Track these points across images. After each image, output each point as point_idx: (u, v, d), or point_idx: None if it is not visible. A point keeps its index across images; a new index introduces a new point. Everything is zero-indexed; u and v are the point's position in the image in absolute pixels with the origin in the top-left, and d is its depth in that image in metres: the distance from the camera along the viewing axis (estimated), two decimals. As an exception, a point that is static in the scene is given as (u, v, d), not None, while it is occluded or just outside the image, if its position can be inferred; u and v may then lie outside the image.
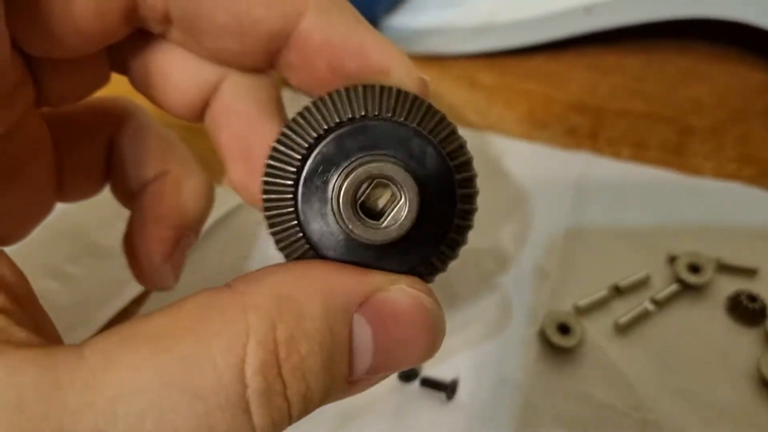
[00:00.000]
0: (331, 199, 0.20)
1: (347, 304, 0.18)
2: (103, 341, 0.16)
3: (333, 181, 0.20)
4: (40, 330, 0.18)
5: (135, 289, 0.39)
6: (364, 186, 0.19)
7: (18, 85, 0.24)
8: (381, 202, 0.20)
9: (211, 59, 0.25)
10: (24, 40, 0.23)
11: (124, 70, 0.27)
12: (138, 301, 0.39)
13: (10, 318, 0.17)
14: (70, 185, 0.30)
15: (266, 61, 0.24)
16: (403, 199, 0.19)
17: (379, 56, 0.22)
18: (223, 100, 0.25)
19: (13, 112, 0.24)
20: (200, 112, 0.26)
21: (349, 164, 0.20)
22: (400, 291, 0.19)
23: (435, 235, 0.20)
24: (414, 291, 0.19)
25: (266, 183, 0.21)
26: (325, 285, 0.18)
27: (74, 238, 0.41)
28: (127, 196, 0.31)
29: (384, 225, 0.19)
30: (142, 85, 0.26)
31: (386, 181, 0.19)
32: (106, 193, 0.32)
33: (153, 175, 0.30)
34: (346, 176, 0.19)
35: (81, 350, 0.16)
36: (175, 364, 0.16)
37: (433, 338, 0.19)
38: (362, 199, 0.19)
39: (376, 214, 0.20)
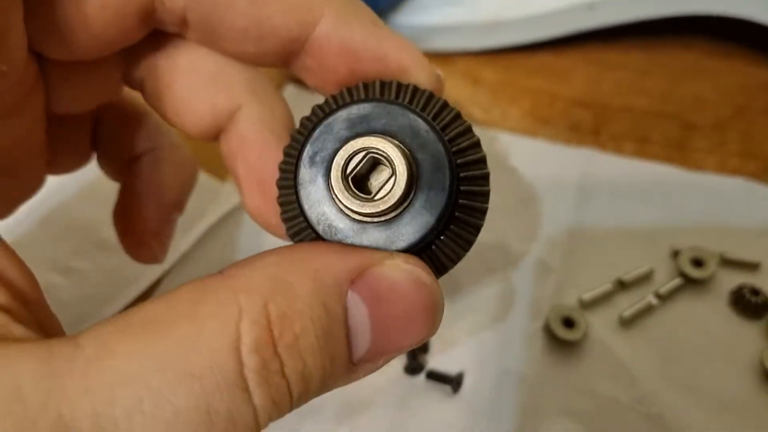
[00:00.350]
0: (326, 176, 0.20)
1: (338, 280, 0.18)
2: (98, 331, 0.16)
3: (328, 160, 0.20)
4: (46, 329, 0.18)
5: (141, 284, 0.39)
6: (357, 159, 0.19)
7: (31, 91, 0.24)
8: (375, 179, 0.20)
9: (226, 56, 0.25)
10: (39, 41, 0.23)
11: (139, 87, 0.27)
12: (144, 297, 0.39)
13: (10, 315, 0.17)
14: (58, 160, 0.30)
15: (282, 62, 0.24)
16: (394, 174, 0.19)
17: (397, 57, 0.22)
18: (239, 130, 0.25)
19: (24, 120, 0.25)
20: (214, 137, 0.26)
21: (343, 142, 0.20)
22: (394, 266, 0.19)
23: (433, 223, 0.20)
24: (409, 266, 0.19)
25: (279, 176, 0.21)
26: (315, 263, 0.18)
27: (81, 234, 0.41)
28: (115, 170, 0.31)
29: (374, 197, 0.19)
30: (157, 105, 0.26)
31: (378, 155, 0.19)
32: (113, 189, 0.32)
33: (139, 152, 0.30)
34: (339, 151, 0.19)
35: (77, 340, 0.16)
36: (170, 347, 0.16)
37: (432, 315, 0.19)
38: (355, 173, 0.19)
39: (370, 191, 0.20)
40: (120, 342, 0.16)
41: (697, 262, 0.38)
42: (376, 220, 0.19)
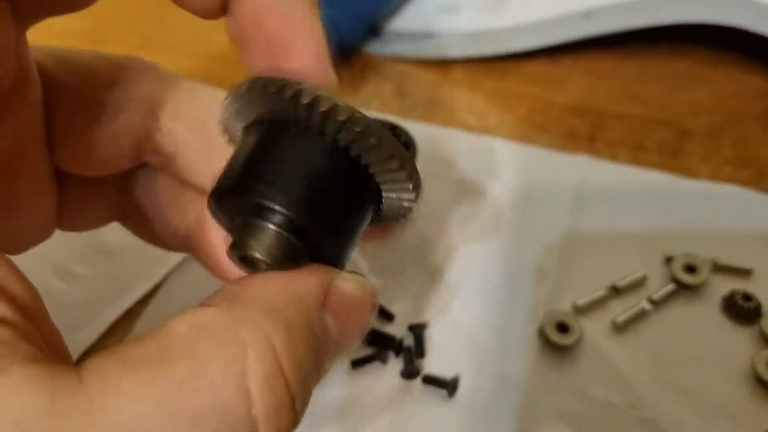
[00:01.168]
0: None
1: (316, 304, 0.19)
2: (100, 365, 0.16)
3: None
4: (50, 345, 0.18)
5: (140, 289, 0.40)
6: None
7: (20, 89, 0.23)
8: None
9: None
10: (62, 160, 0.25)
11: None
12: (143, 302, 0.39)
13: (16, 331, 0.16)
14: (72, 218, 0.29)
15: (221, 9, 0.23)
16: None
17: (293, 40, 0.21)
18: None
19: (11, 122, 0.24)
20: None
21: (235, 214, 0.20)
22: (349, 279, 0.20)
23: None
24: (357, 276, 0.20)
25: None
26: (296, 288, 0.19)
27: (82, 238, 0.41)
28: (169, 244, 0.30)
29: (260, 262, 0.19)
30: None
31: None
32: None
33: (192, 221, 0.29)
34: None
35: (79, 374, 0.16)
36: (172, 389, 0.15)
37: (370, 316, 0.21)
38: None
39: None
40: (122, 381, 0.15)
41: (690, 269, 0.39)
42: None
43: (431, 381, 0.35)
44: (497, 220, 0.43)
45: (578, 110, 0.51)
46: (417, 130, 0.44)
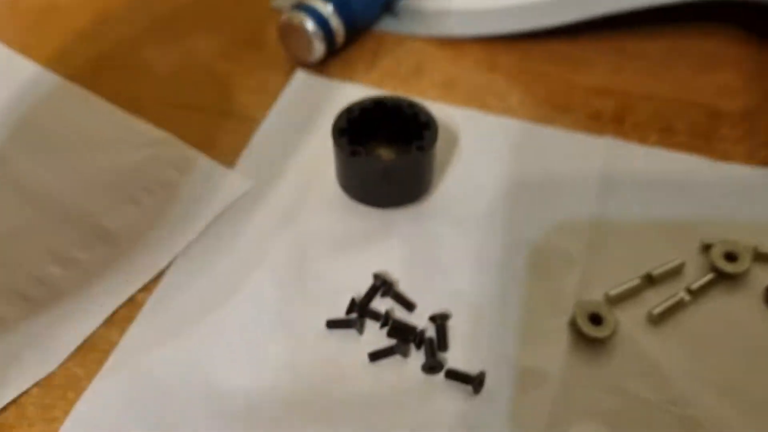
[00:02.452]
0: None
1: None
2: None
3: None
4: None
5: (144, 276, 0.37)
6: None
7: None
8: None
9: None
10: None
11: None
12: (148, 288, 0.37)
13: None
14: None
15: None
16: None
17: None
18: None
19: None
20: None
21: None
22: None
23: None
24: None
25: None
26: None
27: (82, 223, 0.39)
28: None
29: None
30: None
31: None
32: (113, 177, 0.30)
33: None
34: None
35: None
36: None
37: None
38: None
39: None
40: None
41: (730, 257, 0.36)
42: None
43: (455, 376, 0.33)
44: (521, 206, 0.41)
45: (603, 91, 0.48)
46: (436, 110, 0.42)
